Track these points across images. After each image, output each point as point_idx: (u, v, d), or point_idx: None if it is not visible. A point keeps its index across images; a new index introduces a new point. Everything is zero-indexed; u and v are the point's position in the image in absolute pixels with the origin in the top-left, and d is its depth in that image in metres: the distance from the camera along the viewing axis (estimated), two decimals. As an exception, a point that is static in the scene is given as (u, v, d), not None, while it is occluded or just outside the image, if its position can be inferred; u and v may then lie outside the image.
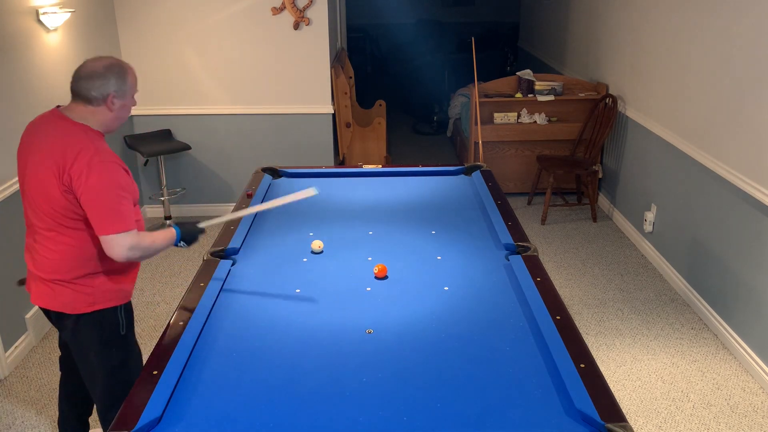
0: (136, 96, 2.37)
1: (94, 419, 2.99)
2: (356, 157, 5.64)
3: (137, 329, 3.51)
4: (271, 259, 2.68)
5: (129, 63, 2.35)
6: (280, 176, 3.66)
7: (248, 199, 3.24)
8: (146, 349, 3.62)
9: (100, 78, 2.22)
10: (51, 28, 3.86)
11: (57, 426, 2.72)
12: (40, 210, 2.27)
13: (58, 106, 2.33)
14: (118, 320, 2.43)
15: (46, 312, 2.45)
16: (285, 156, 5.19)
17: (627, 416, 2.03)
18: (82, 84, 2.22)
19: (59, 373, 3.36)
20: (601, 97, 5.32)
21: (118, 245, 2.21)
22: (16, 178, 3.50)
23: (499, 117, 5.64)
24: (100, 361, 2.44)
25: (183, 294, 2.43)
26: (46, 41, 3.83)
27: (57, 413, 3.05)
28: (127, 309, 2.49)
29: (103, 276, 2.36)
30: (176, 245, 2.49)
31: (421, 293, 2.40)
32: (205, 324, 2.19)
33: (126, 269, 2.44)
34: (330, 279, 2.52)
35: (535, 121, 5.64)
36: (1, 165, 3.39)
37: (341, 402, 1.82)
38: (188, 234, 2.51)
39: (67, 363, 2.69)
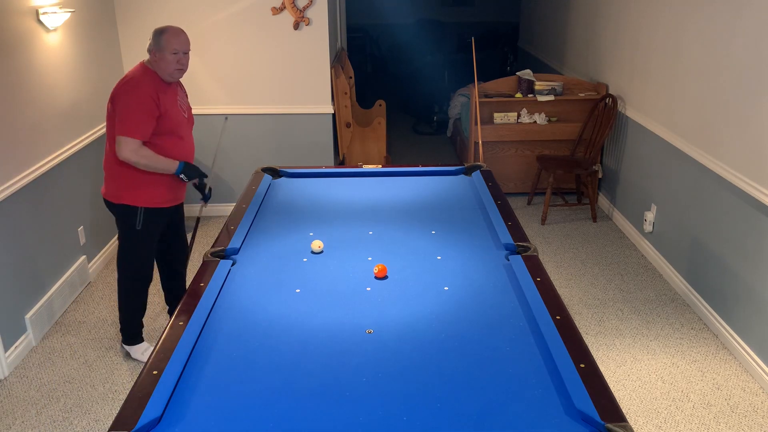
0: (178, 59, 3.10)
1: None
2: (356, 157, 5.64)
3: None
4: (271, 259, 2.68)
5: (175, 28, 3.13)
6: (280, 176, 3.66)
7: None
8: (146, 349, 3.63)
9: (151, 36, 3.12)
10: (51, 28, 3.85)
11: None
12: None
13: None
14: (136, 216, 3.21)
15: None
16: (285, 156, 5.19)
17: (627, 416, 2.03)
18: None
19: (60, 371, 3.40)
20: (601, 97, 5.32)
21: (122, 145, 3.03)
22: (17, 177, 3.51)
23: (499, 117, 5.64)
24: (120, 245, 3.34)
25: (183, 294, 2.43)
26: (46, 41, 3.83)
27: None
28: (150, 212, 3.23)
29: (128, 177, 3.15)
30: (177, 174, 3.21)
31: (421, 293, 2.40)
32: (205, 324, 2.19)
33: (151, 179, 3.17)
34: (330, 279, 2.52)
35: (535, 121, 5.64)
36: (3, 165, 3.38)
37: (341, 402, 1.82)
38: (189, 169, 3.26)
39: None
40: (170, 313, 3.79)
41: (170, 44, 3.08)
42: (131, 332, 3.48)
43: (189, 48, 3.19)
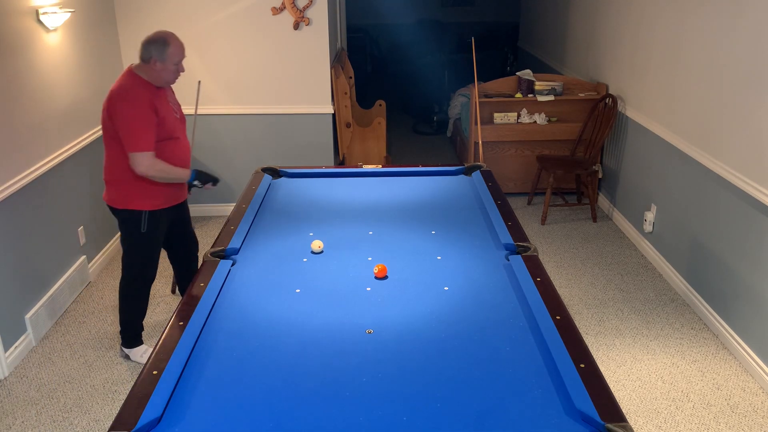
0: (179, 68, 3.14)
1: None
2: (356, 157, 5.64)
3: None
4: (271, 259, 2.68)
5: (175, 37, 3.12)
6: (280, 176, 3.66)
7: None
8: (146, 349, 3.63)
9: (146, 44, 3.09)
10: (51, 28, 3.85)
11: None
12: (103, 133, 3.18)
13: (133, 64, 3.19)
14: (140, 220, 3.23)
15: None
16: (285, 156, 5.19)
17: (627, 416, 2.03)
18: (140, 47, 3.12)
19: (60, 371, 3.39)
20: (601, 97, 5.32)
21: (137, 162, 3.04)
22: (17, 178, 3.51)
23: (499, 117, 5.64)
24: (126, 248, 3.36)
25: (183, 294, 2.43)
26: (46, 41, 3.83)
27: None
28: (154, 215, 3.24)
29: (130, 184, 3.15)
30: (191, 182, 3.29)
31: (421, 293, 2.40)
32: (205, 324, 2.19)
33: (153, 184, 3.17)
34: (330, 279, 2.52)
35: (535, 121, 5.64)
36: (3, 165, 3.38)
37: (341, 402, 1.82)
38: (202, 175, 3.32)
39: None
40: None
41: (176, 56, 3.10)
42: (131, 335, 3.47)
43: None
